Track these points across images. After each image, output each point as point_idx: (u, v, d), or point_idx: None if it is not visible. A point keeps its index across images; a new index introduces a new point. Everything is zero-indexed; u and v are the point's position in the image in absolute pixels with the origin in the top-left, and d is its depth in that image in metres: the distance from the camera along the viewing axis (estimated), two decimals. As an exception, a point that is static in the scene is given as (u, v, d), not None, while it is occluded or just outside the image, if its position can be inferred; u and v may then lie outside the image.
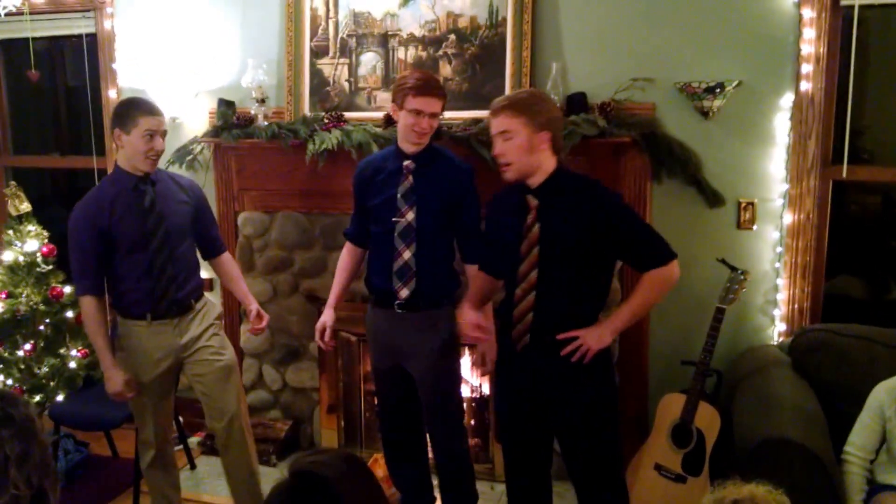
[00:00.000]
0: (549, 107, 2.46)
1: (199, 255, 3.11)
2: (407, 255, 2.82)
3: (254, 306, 3.14)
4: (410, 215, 2.81)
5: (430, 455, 3.17)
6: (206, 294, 3.20)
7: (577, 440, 2.53)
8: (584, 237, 2.39)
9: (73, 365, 3.80)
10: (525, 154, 2.41)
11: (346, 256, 3.12)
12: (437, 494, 3.21)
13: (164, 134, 2.86)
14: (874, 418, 2.59)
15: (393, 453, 3.14)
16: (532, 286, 2.45)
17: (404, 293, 2.83)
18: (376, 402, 3.26)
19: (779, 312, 3.35)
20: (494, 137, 2.46)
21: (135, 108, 2.81)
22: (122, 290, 2.93)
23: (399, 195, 2.82)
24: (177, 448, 3.87)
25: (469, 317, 2.62)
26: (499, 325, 2.66)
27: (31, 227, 3.85)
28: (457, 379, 3.05)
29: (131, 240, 2.85)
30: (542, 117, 2.40)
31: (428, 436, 3.11)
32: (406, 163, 2.83)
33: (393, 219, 2.83)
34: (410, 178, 2.82)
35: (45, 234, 3.90)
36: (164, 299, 2.90)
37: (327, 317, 3.06)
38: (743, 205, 3.32)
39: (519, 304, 2.47)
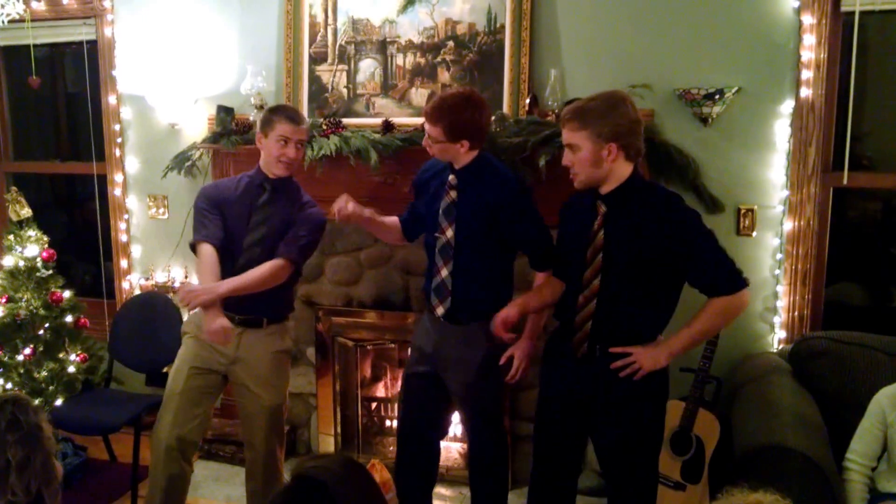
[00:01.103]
0: (620, 114, 2.31)
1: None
2: (444, 272, 2.77)
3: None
4: (450, 232, 2.75)
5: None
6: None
7: (619, 452, 2.49)
8: (651, 251, 2.31)
9: (72, 369, 3.80)
10: (590, 167, 2.33)
11: (395, 221, 2.98)
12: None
13: (300, 143, 2.88)
14: (875, 425, 2.57)
15: (404, 462, 3.05)
16: (594, 294, 2.38)
17: (440, 311, 2.79)
18: (398, 409, 3.19)
19: (778, 320, 3.33)
20: (565, 147, 2.39)
21: (276, 113, 2.88)
22: None
23: (441, 210, 2.77)
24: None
25: (507, 310, 2.56)
26: (556, 329, 2.60)
27: (32, 233, 3.86)
28: (498, 395, 2.94)
29: (231, 227, 2.89)
30: (608, 128, 2.28)
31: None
32: (450, 178, 2.77)
33: (435, 234, 2.79)
34: (452, 193, 2.75)
35: (46, 238, 3.90)
36: (237, 303, 2.84)
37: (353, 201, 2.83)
38: (742, 211, 3.31)
39: (581, 311, 2.41)
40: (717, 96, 3.18)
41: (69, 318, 3.88)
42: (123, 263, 4.34)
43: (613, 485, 2.58)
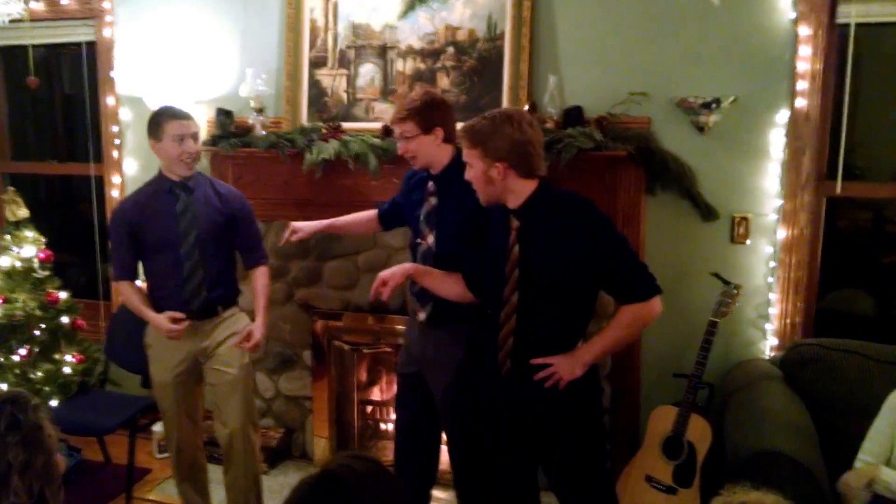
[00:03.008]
0: (504, 135, 2.29)
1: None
2: None
3: (253, 326, 3.04)
4: (430, 239, 2.77)
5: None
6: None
7: (563, 466, 2.47)
8: (564, 263, 2.29)
9: (67, 370, 3.81)
10: (483, 184, 2.35)
11: (366, 213, 3.13)
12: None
13: (194, 136, 2.94)
14: (890, 424, 2.57)
15: (400, 461, 3.07)
16: (513, 309, 2.37)
17: (422, 316, 2.81)
18: (396, 414, 3.19)
19: (771, 327, 3.36)
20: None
21: (161, 116, 2.92)
22: (151, 286, 3.03)
23: (422, 217, 2.79)
24: (166, 455, 3.88)
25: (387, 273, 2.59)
26: (484, 345, 2.57)
27: (29, 233, 3.86)
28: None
29: (160, 240, 2.93)
30: (497, 148, 2.28)
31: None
32: (429, 184, 2.79)
33: (417, 240, 2.82)
34: (432, 200, 2.78)
35: (43, 239, 3.91)
36: (190, 301, 2.95)
37: (304, 223, 3.09)
38: (737, 219, 3.34)
39: (502, 327, 2.40)
40: (713, 105, 3.22)
41: (65, 320, 3.89)
42: (120, 265, 4.34)
43: (562, 495, 2.53)
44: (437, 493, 3.55)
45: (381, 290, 2.58)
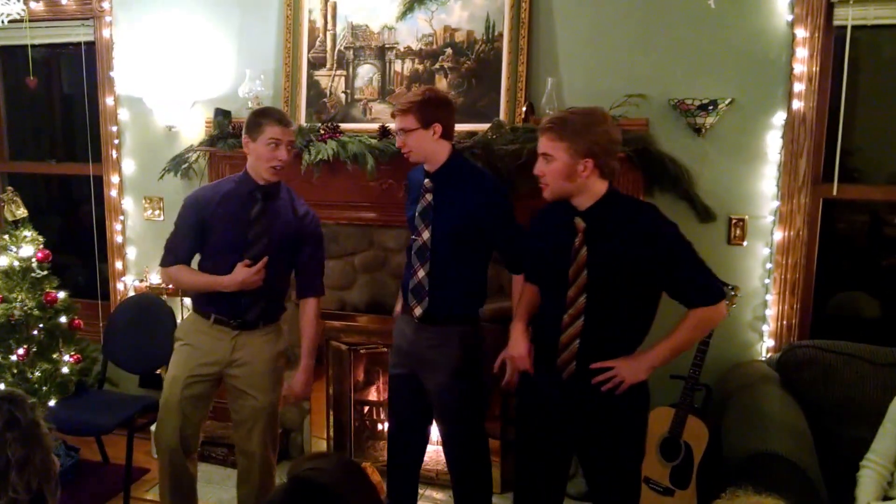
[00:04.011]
0: (600, 131, 2.30)
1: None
2: (421, 274, 2.80)
3: (294, 378, 2.99)
4: (426, 235, 2.79)
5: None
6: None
7: (606, 465, 2.47)
8: (633, 265, 2.29)
9: (65, 370, 3.80)
10: (563, 179, 2.32)
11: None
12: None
13: (290, 144, 2.85)
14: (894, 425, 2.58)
15: (393, 460, 3.08)
16: (580, 312, 2.35)
17: (418, 311, 2.82)
18: (388, 414, 3.19)
19: (767, 328, 3.37)
20: (539, 156, 2.37)
21: (263, 117, 2.83)
22: None
23: (417, 213, 2.81)
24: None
25: (521, 347, 2.53)
26: (533, 348, 2.55)
27: (27, 233, 3.85)
28: (474, 399, 2.90)
29: (226, 241, 2.84)
30: (586, 143, 2.27)
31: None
32: (425, 182, 2.82)
33: (412, 236, 2.84)
34: (428, 197, 2.80)
35: (41, 239, 3.90)
36: (235, 307, 2.86)
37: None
38: (734, 221, 3.35)
39: (566, 329, 2.37)
40: (710, 107, 3.22)
41: (63, 319, 3.87)
42: (118, 265, 4.35)
43: (599, 494, 2.55)
44: (435, 494, 3.57)
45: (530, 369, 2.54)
